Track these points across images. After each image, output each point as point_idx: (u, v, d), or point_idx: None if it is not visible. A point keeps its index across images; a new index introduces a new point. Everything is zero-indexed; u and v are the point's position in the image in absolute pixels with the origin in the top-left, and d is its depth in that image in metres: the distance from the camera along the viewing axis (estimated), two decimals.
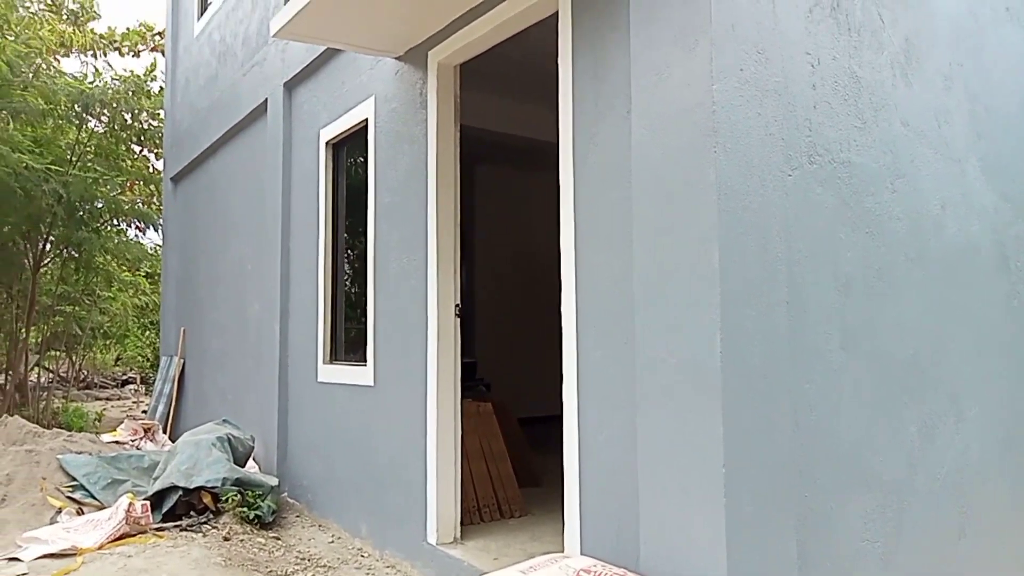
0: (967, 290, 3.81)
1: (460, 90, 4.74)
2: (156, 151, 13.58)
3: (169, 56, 11.21)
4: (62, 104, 10.84)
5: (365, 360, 5.37)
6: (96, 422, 11.34)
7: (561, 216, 3.56)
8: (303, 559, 4.89)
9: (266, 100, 7.14)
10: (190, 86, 10.10)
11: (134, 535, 5.05)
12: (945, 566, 3.50)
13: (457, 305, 4.63)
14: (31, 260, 10.94)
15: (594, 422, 3.33)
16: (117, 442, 8.31)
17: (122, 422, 9.48)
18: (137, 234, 13.48)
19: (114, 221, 12.36)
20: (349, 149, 6.00)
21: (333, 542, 5.29)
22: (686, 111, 2.82)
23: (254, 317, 7.43)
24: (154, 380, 11.48)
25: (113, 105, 11.49)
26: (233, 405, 7.85)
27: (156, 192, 13.77)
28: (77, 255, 11.65)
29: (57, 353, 13.47)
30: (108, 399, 16.33)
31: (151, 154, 14.07)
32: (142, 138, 12.99)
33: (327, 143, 6.09)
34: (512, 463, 5.48)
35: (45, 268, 11.50)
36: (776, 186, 2.92)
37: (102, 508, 5.58)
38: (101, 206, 11.50)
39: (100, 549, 4.80)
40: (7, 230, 10.50)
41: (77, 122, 11.42)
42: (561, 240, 3.55)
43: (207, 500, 5.46)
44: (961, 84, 3.85)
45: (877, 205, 3.36)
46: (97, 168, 11.33)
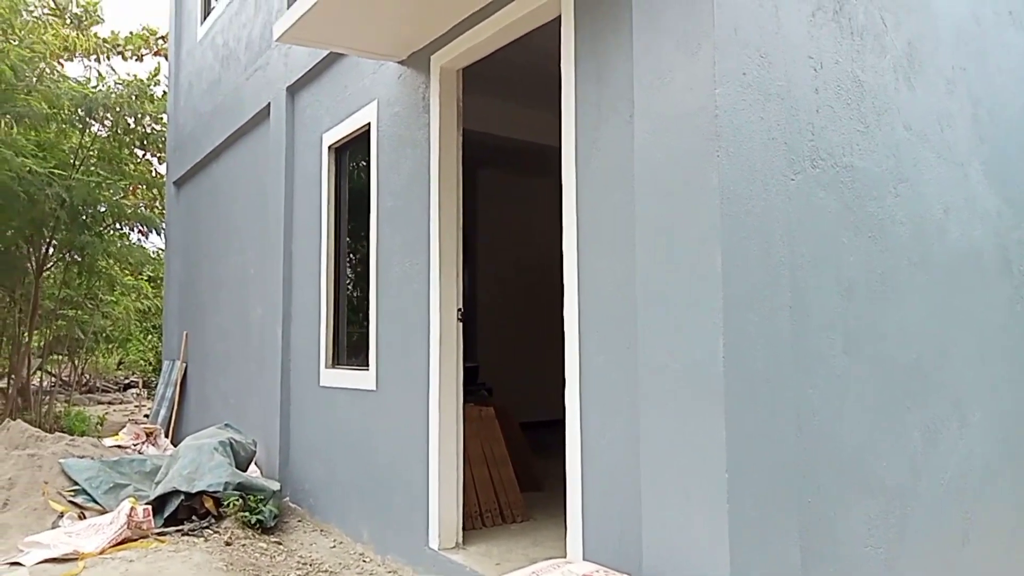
0: (970, 294, 3.80)
1: (463, 94, 4.74)
2: (159, 155, 13.61)
3: (172, 60, 11.24)
4: (65, 108, 10.87)
5: (367, 364, 5.37)
6: (98, 426, 11.34)
7: (563, 220, 3.56)
8: (305, 564, 4.88)
9: (269, 104, 7.15)
10: (193, 90, 10.12)
11: (136, 540, 5.05)
12: (949, 572, 3.49)
13: (459, 309, 4.63)
14: (34, 264, 10.96)
15: (596, 426, 3.32)
16: (119, 446, 8.31)
17: (124, 426, 9.49)
18: (140, 238, 13.52)
19: (117, 225, 12.38)
20: (352, 153, 6.00)
21: (335, 547, 5.29)
22: (689, 115, 2.82)
23: (256, 321, 7.44)
24: (156, 384, 11.48)
25: (116, 109, 11.52)
26: (235, 409, 7.85)
27: (159, 196, 13.79)
28: (80, 259, 11.67)
29: (59, 357, 13.49)
30: (110, 403, 16.34)
31: (154, 158, 14.10)
32: (145, 142, 13.03)
33: (330, 147, 6.10)
34: (514, 468, 5.47)
35: (48, 272, 11.52)
36: (779, 190, 2.92)
37: (104, 512, 5.58)
38: (104, 210, 11.53)
39: (102, 554, 4.80)
40: (10, 234, 10.53)
41: (80, 126, 11.46)
42: (563, 244, 3.55)
43: (209, 505, 5.46)
44: (964, 88, 3.85)
45: (880, 209, 3.36)
46: (100, 172, 11.36)
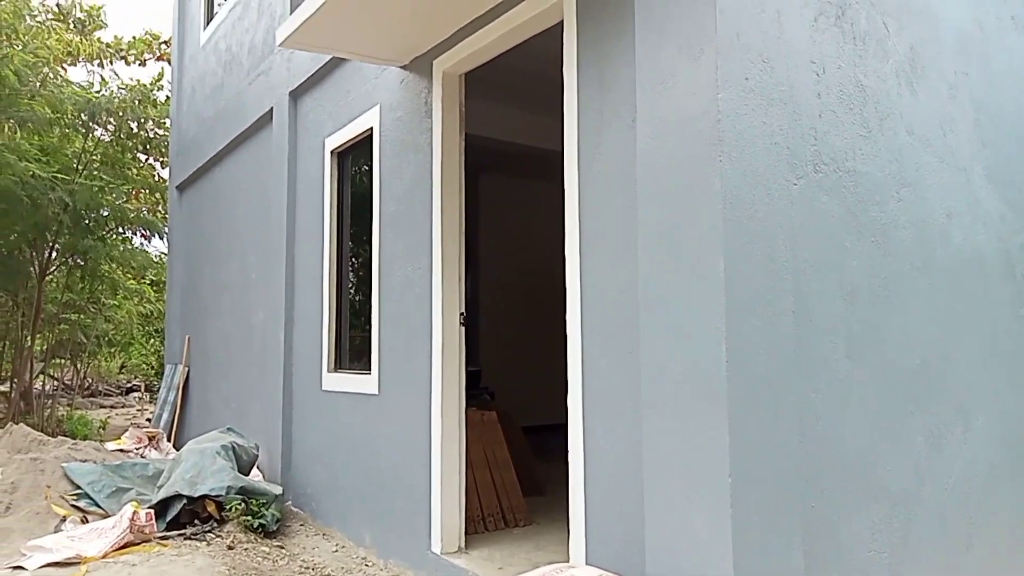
0: (973, 299, 3.79)
1: (465, 99, 4.75)
2: (162, 160, 13.63)
3: (175, 65, 11.27)
4: (69, 113, 10.90)
5: (369, 368, 5.37)
6: (100, 430, 11.35)
7: (566, 224, 3.56)
8: (307, 568, 4.88)
9: (271, 109, 7.17)
10: (196, 95, 10.15)
11: (138, 544, 5.05)
12: None
13: (462, 313, 4.63)
14: (37, 268, 10.98)
15: (599, 431, 3.32)
16: (121, 450, 8.30)
17: (126, 430, 9.50)
18: (142, 242, 13.55)
19: (120, 229, 12.40)
20: (354, 158, 6.01)
21: (337, 551, 5.28)
22: (691, 120, 2.82)
23: (259, 325, 7.44)
24: (158, 388, 11.49)
25: (119, 114, 11.55)
26: (237, 413, 7.85)
27: (161, 200, 13.82)
28: (83, 263, 11.69)
29: (62, 361, 13.51)
30: (112, 407, 16.34)
31: (157, 162, 14.13)
32: (148, 147, 13.05)
33: (332, 152, 6.11)
34: (516, 472, 5.47)
35: (51, 276, 11.54)
36: (781, 195, 2.92)
37: (106, 516, 5.58)
38: (107, 214, 11.56)
39: (104, 558, 4.80)
40: (13, 238, 10.55)
41: (83, 131, 11.49)
42: (566, 248, 3.55)
43: (211, 509, 5.46)
44: (966, 93, 3.85)
45: (883, 214, 3.36)
46: (103, 176, 11.39)
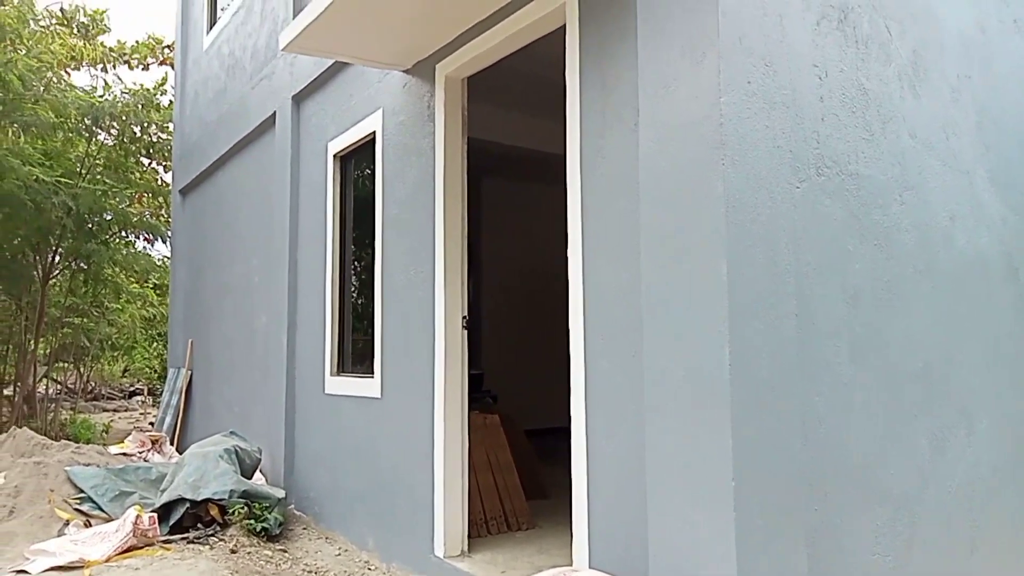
0: (976, 302, 3.79)
1: (467, 102, 4.76)
2: (165, 164, 13.67)
3: (178, 69, 11.30)
4: (72, 117, 10.94)
5: (372, 372, 5.37)
6: (104, 434, 11.37)
7: (568, 228, 3.57)
8: (310, 572, 4.88)
9: (274, 113, 7.18)
10: (199, 99, 10.17)
11: (141, 547, 5.05)
12: None
13: (464, 317, 4.64)
14: (40, 272, 11.01)
15: (602, 434, 3.32)
16: (125, 454, 8.31)
17: (129, 434, 9.49)
18: (145, 246, 13.58)
19: (123, 233, 12.43)
20: (357, 162, 6.02)
21: (340, 555, 5.28)
22: (694, 123, 2.82)
23: (261, 329, 7.45)
24: (161, 392, 11.50)
25: (122, 118, 11.59)
26: (240, 417, 7.86)
27: (164, 204, 13.86)
28: (86, 267, 11.72)
29: (65, 365, 13.52)
30: (115, 411, 16.35)
31: (160, 167, 14.17)
32: (151, 151, 13.10)
33: (335, 156, 6.12)
34: (519, 475, 5.47)
35: (54, 280, 11.57)
36: (784, 198, 2.92)
37: (110, 520, 5.57)
38: (110, 218, 11.59)
39: (107, 562, 4.80)
40: (17, 242, 10.59)
41: (87, 135, 11.52)
42: (568, 251, 3.55)
43: (214, 512, 5.46)
44: (969, 96, 3.85)
45: (885, 217, 3.36)
46: (106, 181, 11.43)
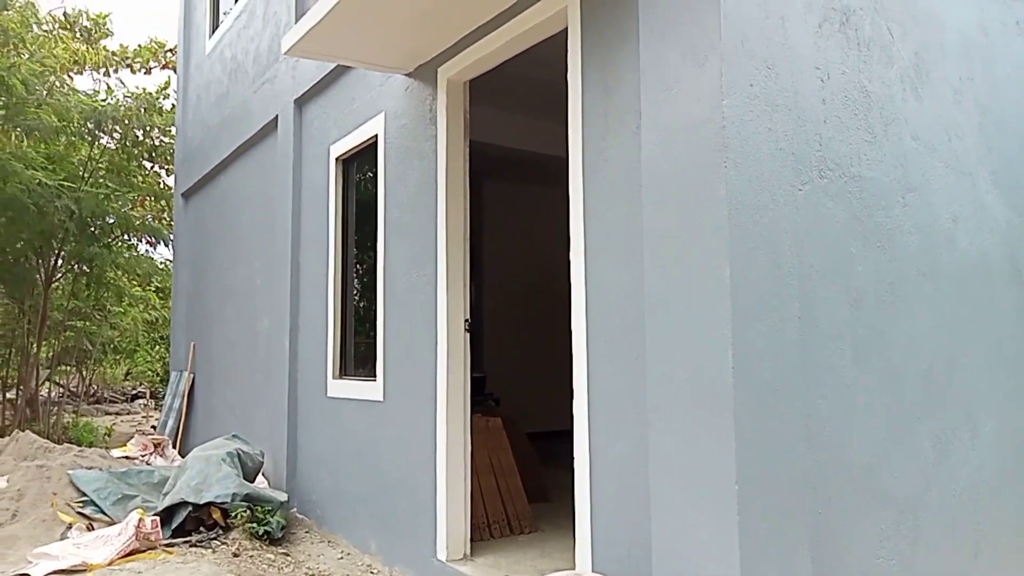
0: (979, 304, 3.78)
1: (469, 106, 4.77)
2: (167, 167, 13.70)
3: (181, 73, 11.32)
4: (75, 121, 10.97)
5: (374, 375, 5.37)
6: (106, 437, 11.38)
7: (571, 231, 3.56)
8: (312, 575, 4.87)
9: (276, 116, 7.19)
10: (201, 103, 10.19)
11: (144, 551, 5.05)
12: None
13: (466, 320, 4.64)
14: (43, 275, 11.03)
15: (605, 437, 3.32)
16: (127, 457, 8.32)
17: (132, 437, 9.49)
18: (148, 249, 13.58)
19: (125, 236, 12.46)
20: (359, 165, 6.03)
21: (342, 558, 5.28)
22: (696, 126, 2.82)
23: (264, 332, 7.45)
24: (164, 395, 11.51)
25: (125, 122, 11.62)
26: (242, 420, 7.86)
27: (167, 208, 13.88)
28: (88, 270, 11.74)
29: (68, 368, 13.54)
30: (118, 414, 16.38)
31: (162, 170, 14.21)
32: (153, 154, 13.13)
33: (337, 159, 6.12)
34: (522, 478, 5.46)
35: (56, 283, 11.58)
36: (787, 201, 2.91)
37: (112, 524, 5.58)
38: (112, 222, 11.60)
39: (110, 565, 4.80)
40: (20, 246, 10.61)
41: (89, 139, 11.56)
42: (571, 254, 3.55)
43: (217, 516, 5.46)
44: (971, 97, 3.85)
45: (888, 219, 3.35)
46: (109, 184, 11.44)
